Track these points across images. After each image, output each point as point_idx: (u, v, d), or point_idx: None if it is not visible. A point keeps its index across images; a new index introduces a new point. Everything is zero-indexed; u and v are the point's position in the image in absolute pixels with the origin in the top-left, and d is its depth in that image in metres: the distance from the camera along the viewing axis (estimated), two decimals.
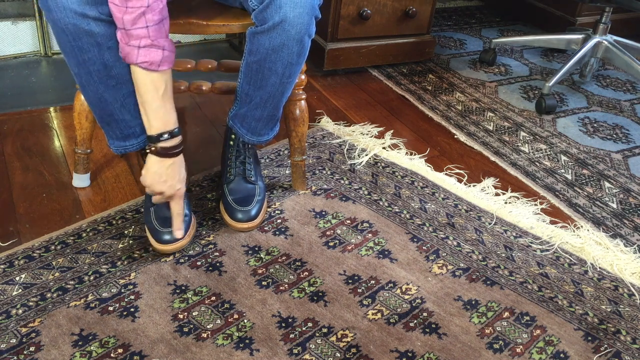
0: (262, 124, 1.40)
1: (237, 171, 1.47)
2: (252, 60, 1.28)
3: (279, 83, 1.30)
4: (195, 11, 1.37)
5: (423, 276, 1.37)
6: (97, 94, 1.25)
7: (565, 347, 1.24)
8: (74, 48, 1.17)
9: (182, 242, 1.34)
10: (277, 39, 1.22)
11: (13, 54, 2.15)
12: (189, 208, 1.40)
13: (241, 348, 1.16)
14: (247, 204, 1.43)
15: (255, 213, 1.43)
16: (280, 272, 1.34)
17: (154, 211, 1.35)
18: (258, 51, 1.26)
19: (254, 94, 1.34)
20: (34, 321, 1.17)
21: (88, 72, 1.21)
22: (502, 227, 1.55)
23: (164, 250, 1.33)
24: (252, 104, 1.36)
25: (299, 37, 1.22)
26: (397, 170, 1.73)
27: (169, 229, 1.32)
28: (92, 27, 1.15)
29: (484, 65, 2.50)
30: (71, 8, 1.12)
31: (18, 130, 1.76)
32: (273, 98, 1.34)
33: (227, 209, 1.43)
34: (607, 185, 1.79)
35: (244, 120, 1.40)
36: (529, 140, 1.99)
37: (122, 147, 1.36)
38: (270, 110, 1.37)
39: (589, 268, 1.45)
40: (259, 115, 1.38)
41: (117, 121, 1.31)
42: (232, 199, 1.43)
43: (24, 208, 1.47)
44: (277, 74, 1.28)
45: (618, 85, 2.46)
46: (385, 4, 2.20)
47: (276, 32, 1.21)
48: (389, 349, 1.19)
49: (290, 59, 1.26)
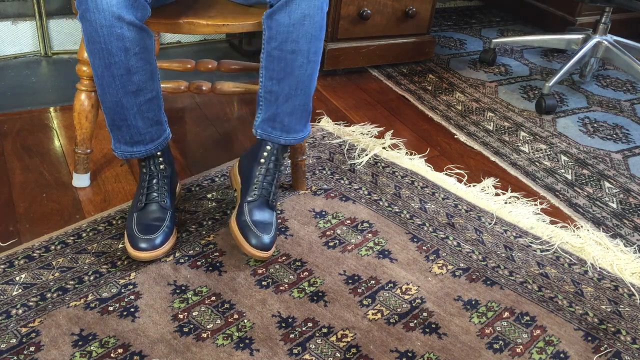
0: (295, 119, 1.33)
1: (263, 192, 1.36)
2: (272, 47, 1.25)
3: (307, 63, 1.25)
4: (195, 11, 1.37)
5: (423, 276, 1.37)
6: (116, 98, 1.25)
7: (565, 347, 1.24)
8: (102, 50, 1.18)
9: (158, 252, 1.30)
10: (297, 11, 1.20)
11: (13, 54, 2.15)
12: (172, 221, 1.36)
13: (241, 348, 1.16)
14: (266, 230, 1.32)
15: (270, 244, 1.32)
16: (280, 272, 1.34)
17: (136, 217, 1.33)
18: (278, 33, 1.22)
19: (280, 88, 1.29)
20: (34, 321, 1.17)
21: (112, 75, 1.22)
22: (502, 227, 1.55)
23: (138, 257, 1.30)
24: (281, 99, 1.30)
25: (319, 3, 1.19)
26: (397, 170, 1.73)
27: (148, 237, 1.29)
28: (124, 32, 1.17)
29: (484, 65, 2.50)
30: (110, 10, 1.14)
31: (18, 130, 1.76)
32: (301, 84, 1.28)
33: (242, 228, 1.32)
34: (607, 185, 1.79)
35: (274, 121, 1.34)
36: (529, 140, 1.99)
37: (129, 153, 1.34)
38: (301, 99, 1.31)
39: (589, 268, 1.45)
40: (290, 108, 1.31)
41: (129, 127, 1.30)
42: (252, 220, 1.32)
43: (24, 208, 1.47)
44: (302, 52, 1.23)
45: (618, 85, 2.46)
46: (385, 4, 2.20)
47: (295, 3, 1.19)
48: (389, 349, 1.19)
49: (314, 31, 1.21)
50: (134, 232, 1.31)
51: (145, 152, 1.35)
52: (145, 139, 1.34)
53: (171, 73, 1.94)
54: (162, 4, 1.36)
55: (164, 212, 1.34)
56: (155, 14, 1.30)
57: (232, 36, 2.44)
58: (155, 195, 1.36)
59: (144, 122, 1.31)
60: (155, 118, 1.33)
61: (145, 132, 1.32)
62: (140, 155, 1.35)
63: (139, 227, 1.31)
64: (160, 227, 1.32)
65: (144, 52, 1.22)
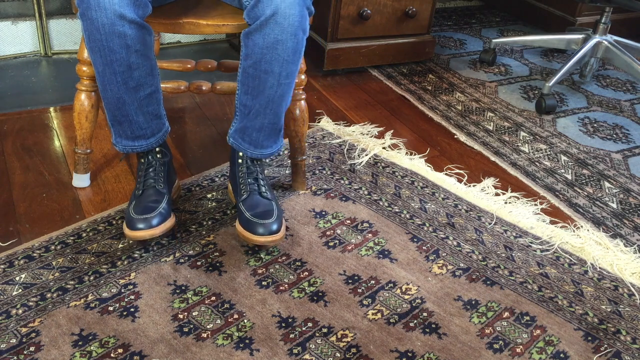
0: (263, 135, 1.37)
1: (252, 187, 1.39)
2: (248, 65, 1.28)
3: (277, 85, 1.28)
4: (195, 11, 1.37)
5: (423, 276, 1.37)
6: (117, 94, 1.26)
7: (565, 347, 1.24)
8: (104, 48, 1.19)
9: (155, 231, 1.30)
10: (270, 35, 1.21)
11: (13, 54, 2.15)
12: (169, 205, 1.36)
13: (241, 348, 1.16)
14: (267, 217, 1.33)
15: (277, 228, 1.32)
16: (280, 272, 1.34)
17: (134, 203, 1.34)
18: (253, 52, 1.25)
19: (253, 102, 1.32)
20: (34, 321, 1.17)
21: (113, 72, 1.23)
22: (502, 227, 1.55)
23: (135, 236, 1.29)
24: (252, 114, 1.34)
25: (292, 30, 1.21)
26: (397, 170, 1.73)
27: (144, 216, 1.29)
28: (125, 29, 1.17)
29: (484, 65, 2.50)
30: (113, 8, 1.14)
31: (18, 130, 1.76)
32: (272, 103, 1.31)
33: (246, 225, 1.33)
34: (607, 185, 1.79)
35: (244, 134, 1.37)
36: (529, 140, 1.99)
37: (130, 147, 1.36)
38: (270, 118, 1.34)
39: (589, 268, 1.45)
40: (259, 124, 1.35)
41: (130, 122, 1.32)
42: (251, 214, 1.34)
43: (24, 208, 1.47)
44: (274, 74, 1.26)
45: (618, 85, 2.46)
46: (385, 4, 2.20)
47: (269, 27, 1.21)
48: (389, 349, 1.19)
49: (286, 55, 1.24)
50: (131, 214, 1.31)
51: (147, 146, 1.37)
52: (147, 134, 1.35)
53: (171, 73, 1.94)
54: (163, 4, 1.36)
55: (160, 195, 1.35)
56: (155, 14, 1.30)
57: (232, 36, 2.44)
58: (152, 181, 1.37)
59: (144, 117, 1.32)
60: (155, 112, 1.35)
61: (146, 127, 1.34)
62: (141, 150, 1.37)
63: (136, 209, 1.32)
64: (157, 208, 1.32)
65: (145, 49, 1.23)
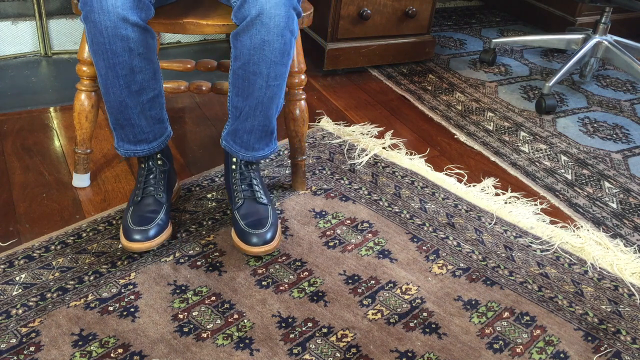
0: (254, 137, 1.37)
1: (246, 194, 1.40)
2: (237, 66, 1.28)
3: (266, 86, 1.28)
4: (195, 11, 1.37)
5: (423, 276, 1.37)
6: (120, 98, 1.26)
7: (565, 347, 1.24)
8: (107, 51, 1.19)
9: (151, 244, 1.30)
10: (257, 36, 1.21)
11: (13, 54, 2.15)
12: (167, 215, 1.36)
13: (241, 348, 1.16)
14: (261, 226, 1.34)
15: (271, 237, 1.34)
16: (280, 272, 1.34)
17: (132, 210, 1.34)
18: (241, 54, 1.25)
19: (243, 104, 1.32)
20: (34, 321, 1.17)
21: (115, 75, 1.22)
22: (502, 227, 1.55)
23: (131, 248, 1.30)
24: (242, 116, 1.33)
25: (278, 30, 1.21)
26: (397, 170, 1.73)
27: (141, 228, 1.30)
28: (128, 32, 1.17)
29: (484, 65, 2.50)
30: (116, 11, 1.14)
31: (18, 130, 1.76)
32: (261, 105, 1.31)
33: (240, 235, 1.35)
34: (607, 185, 1.79)
35: (235, 136, 1.37)
36: (529, 140, 1.99)
37: (132, 151, 1.36)
38: (260, 120, 1.34)
39: (589, 268, 1.45)
40: (249, 127, 1.34)
41: (132, 126, 1.31)
42: (245, 223, 1.35)
43: (24, 208, 1.47)
44: (262, 75, 1.26)
45: (618, 85, 2.46)
46: (385, 4, 2.20)
47: (255, 28, 1.20)
48: (389, 349, 1.19)
49: (273, 57, 1.24)
50: (129, 224, 1.31)
51: (149, 151, 1.36)
52: (149, 138, 1.35)
53: (171, 73, 1.94)
54: (163, 4, 1.36)
55: (159, 205, 1.35)
56: (156, 14, 1.30)
57: None
58: (151, 189, 1.37)
59: (147, 121, 1.32)
60: (158, 116, 1.34)
61: (148, 131, 1.34)
62: (143, 154, 1.37)
63: (134, 219, 1.32)
64: (155, 219, 1.32)
65: (147, 52, 1.23)
